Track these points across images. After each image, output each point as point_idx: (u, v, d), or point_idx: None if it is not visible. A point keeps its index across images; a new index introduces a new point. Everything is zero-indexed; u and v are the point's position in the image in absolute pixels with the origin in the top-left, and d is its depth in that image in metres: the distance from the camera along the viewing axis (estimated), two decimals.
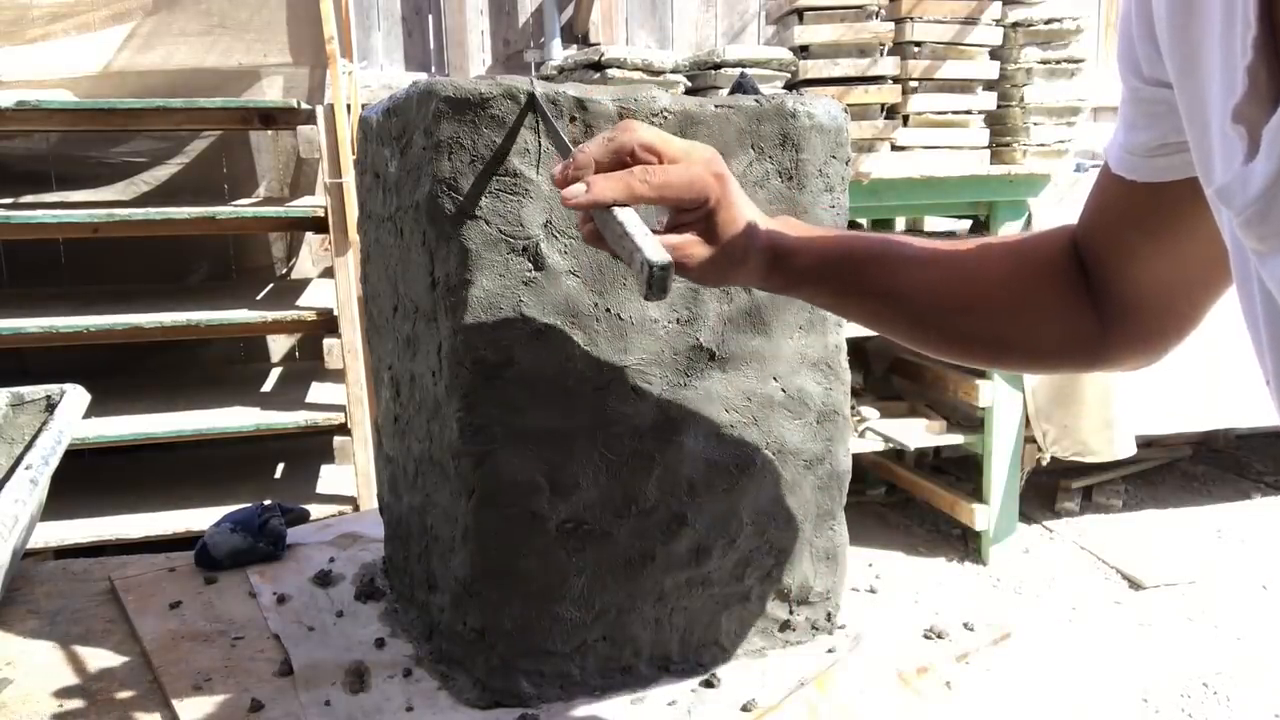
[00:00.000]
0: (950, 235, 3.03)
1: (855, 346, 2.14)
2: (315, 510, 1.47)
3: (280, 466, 2.58)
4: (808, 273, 0.72)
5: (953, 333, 0.74)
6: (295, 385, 2.59)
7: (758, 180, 0.83)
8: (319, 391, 2.50)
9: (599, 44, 3.34)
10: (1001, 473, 2.85)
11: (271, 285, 2.75)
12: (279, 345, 2.95)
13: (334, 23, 2.26)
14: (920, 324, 0.74)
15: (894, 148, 2.63)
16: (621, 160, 0.65)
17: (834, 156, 0.87)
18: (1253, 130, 0.42)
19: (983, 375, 2.75)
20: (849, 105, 2.34)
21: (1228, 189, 0.44)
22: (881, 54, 2.59)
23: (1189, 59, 0.49)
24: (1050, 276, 0.71)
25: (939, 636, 0.93)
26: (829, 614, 0.94)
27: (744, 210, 0.69)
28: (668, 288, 0.61)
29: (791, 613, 0.92)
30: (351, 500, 2.30)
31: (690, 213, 0.67)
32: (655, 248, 0.61)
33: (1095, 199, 0.68)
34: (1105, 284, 0.69)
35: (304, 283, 2.78)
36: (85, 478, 2.39)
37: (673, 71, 2.60)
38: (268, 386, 2.65)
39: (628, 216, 0.64)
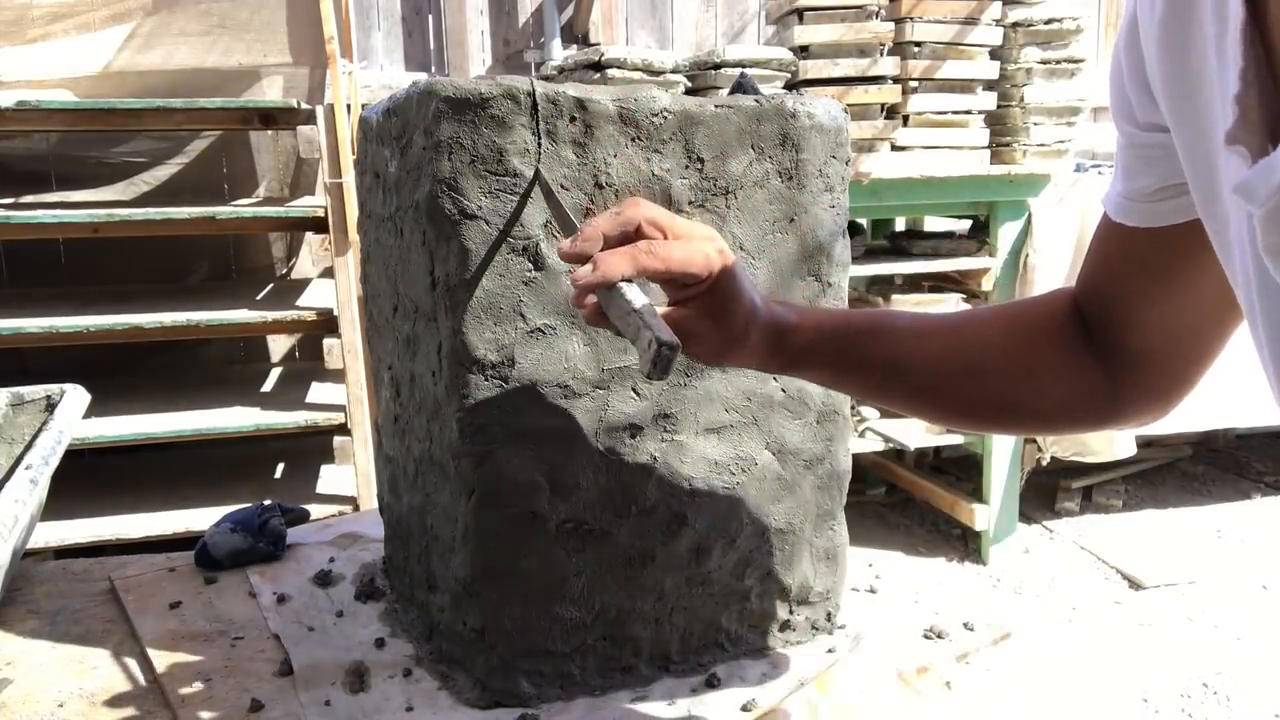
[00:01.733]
0: (950, 235, 3.03)
1: None
2: (315, 510, 1.47)
3: (280, 466, 2.58)
4: (807, 349, 0.72)
5: (959, 399, 0.74)
6: (295, 385, 2.59)
7: (758, 180, 0.83)
8: (319, 391, 2.50)
9: (599, 44, 3.34)
10: (1001, 473, 2.85)
11: (271, 285, 2.75)
12: (279, 345, 2.95)
13: (334, 23, 2.26)
14: (925, 392, 0.74)
15: (894, 148, 2.63)
16: (628, 235, 0.66)
17: (834, 156, 0.87)
18: (1250, 146, 0.42)
19: None
20: (849, 105, 2.34)
21: (1248, 184, 0.42)
22: (881, 54, 2.59)
23: (1186, 97, 0.49)
24: (1050, 335, 0.71)
25: (939, 636, 0.93)
26: (829, 614, 0.94)
27: (746, 289, 0.69)
28: (670, 369, 0.60)
29: (791, 613, 0.92)
30: (351, 500, 2.31)
31: (690, 289, 0.67)
32: (663, 327, 0.61)
33: (1097, 252, 0.68)
34: (1113, 336, 0.69)
35: (304, 283, 2.78)
36: (85, 478, 2.38)
37: (673, 71, 2.60)
38: (268, 386, 2.65)
39: (635, 294, 0.64)
